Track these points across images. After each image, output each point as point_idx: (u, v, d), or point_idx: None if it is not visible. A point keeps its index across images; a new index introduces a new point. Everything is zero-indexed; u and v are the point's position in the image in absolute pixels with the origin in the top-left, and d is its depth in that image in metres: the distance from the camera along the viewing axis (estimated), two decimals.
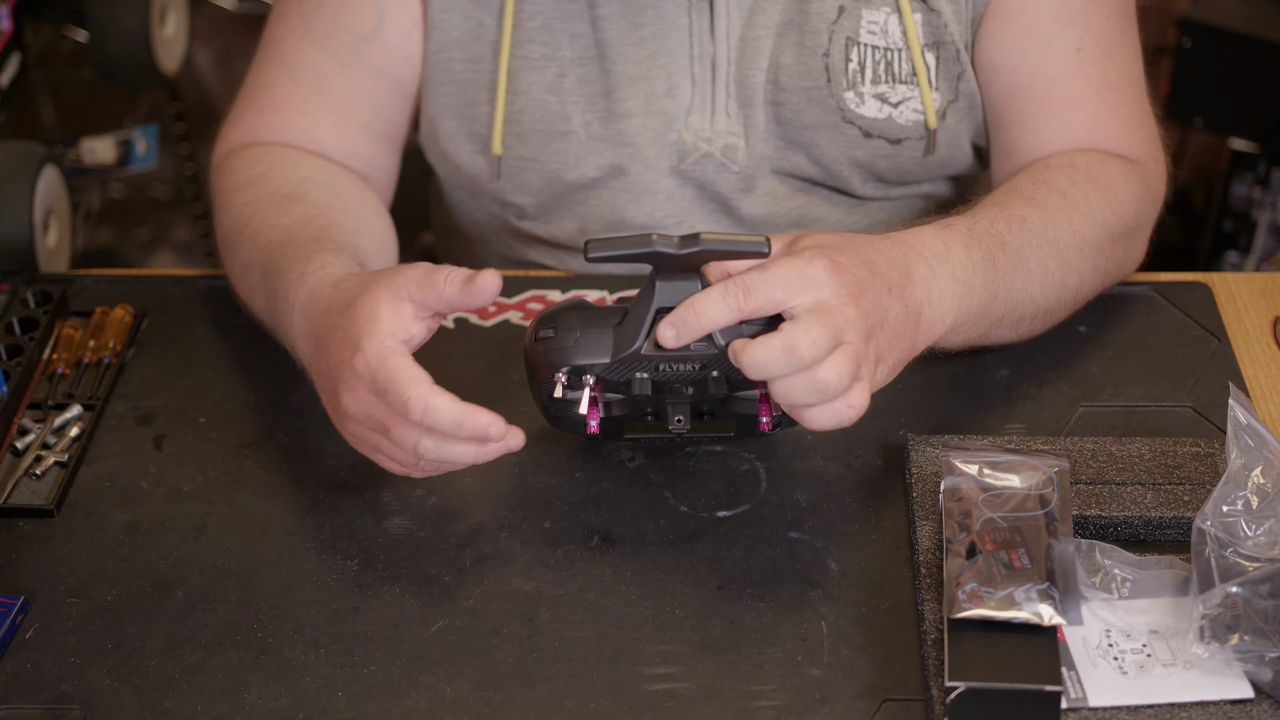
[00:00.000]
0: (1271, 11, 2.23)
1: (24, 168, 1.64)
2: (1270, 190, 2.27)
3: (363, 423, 1.02)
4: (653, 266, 0.97)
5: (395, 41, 1.27)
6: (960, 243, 1.07)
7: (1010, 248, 1.10)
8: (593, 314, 1.01)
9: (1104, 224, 1.17)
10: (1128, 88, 1.25)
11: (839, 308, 0.96)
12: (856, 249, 1.01)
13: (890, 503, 1.09)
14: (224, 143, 1.31)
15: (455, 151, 1.30)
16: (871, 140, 1.26)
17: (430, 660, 1.00)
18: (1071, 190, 1.16)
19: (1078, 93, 1.23)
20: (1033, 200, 1.14)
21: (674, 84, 1.26)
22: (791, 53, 1.24)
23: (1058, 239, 1.13)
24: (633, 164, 1.28)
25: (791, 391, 0.96)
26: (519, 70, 1.25)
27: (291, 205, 1.19)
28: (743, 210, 1.30)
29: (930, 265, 1.05)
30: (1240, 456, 1.00)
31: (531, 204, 1.31)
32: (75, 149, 2.36)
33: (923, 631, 0.99)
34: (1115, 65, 1.24)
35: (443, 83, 1.28)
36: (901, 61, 1.23)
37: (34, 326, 1.24)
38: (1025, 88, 1.23)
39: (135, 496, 1.12)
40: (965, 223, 1.09)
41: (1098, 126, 1.24)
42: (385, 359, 0.98)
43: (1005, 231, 1.10)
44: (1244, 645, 0.93)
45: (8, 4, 2.00)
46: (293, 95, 1.28)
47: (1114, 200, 1.18)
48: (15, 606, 1.03)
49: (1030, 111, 1.24)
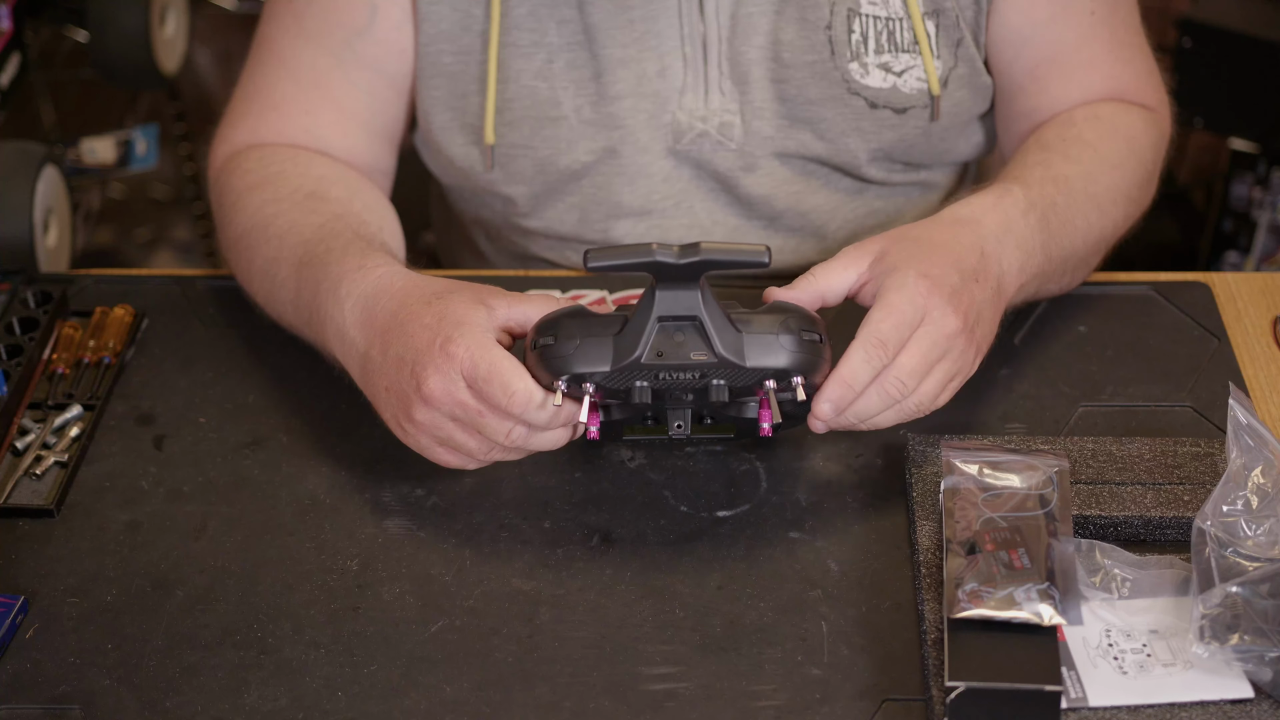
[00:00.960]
0: (1271, 11, 2.22)
1: (24, 168, 1.64)
2: (1270, 190, 2.27)
3: (444, 408, 1.01)
4: (653, 275, 0.97)
5: (388, 35, 1.27)
6: (1019, 210, 1.13)
7: (1060, 208, 1.16)
8: (592, 321, 1.01)
9: (1132, 173, 1.24)
10: (1134, 40, 1.30)
11: (943, 325, 1.03)
12: (938, 253, 1.06)
13: (890, 503, 1.09)
14: (224, 145, 1.31)
15: (448, 145, 1.30)
16: (877, 111, 1.26)
17: (430, 660, 1.00)
18: (1101, 144, 1.22)
19: (1095, 55, 1.28)
20: (1069, 157, 1.20)
21: (666, 64, 1.26)
22: (792, 28, 1.24)
23: (1096, 194, 1.19)
24: (625, 146, 1.28)
25: (881, 417, 1.05)
26: (508, 58, 1.26)
27: (318, 204, 1.20)
28: (741, 189, 1.30)
29: (999, 238, 1.10)
30: (1240, 456, 1.00)
31: (526, 193, 1.31)
32: (75, 149, 2.36)
33: (923, 631, 0.99)
34: (1122, 21, 1.29)
35: (433, 75, 1.28)
36: (903, 30, 1.25)
37: (34, 326, 1.23)
38: (1049, 57, 1.28)
39: (135, 496, 1.12)
40: (1020, 189, 1.14)
41: (1115, 84, 1.29)
42: (489, 348, 1.00)
43: (1055, 193, 1.16)
44: (1244, 645, 0.93)
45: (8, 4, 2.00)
46: (292, 95, 1.29)
47: (1138, 150, 1.25)
48: (15, 606, 1.03)
49: (1053, 78, 1.28)
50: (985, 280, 1.07)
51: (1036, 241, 1.13)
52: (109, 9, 2.06)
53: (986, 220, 1.11)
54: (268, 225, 1.20)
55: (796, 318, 1.01)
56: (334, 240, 1.14)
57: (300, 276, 1.14)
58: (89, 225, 2.52)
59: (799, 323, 1.01)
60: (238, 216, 1.23)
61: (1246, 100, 2.24)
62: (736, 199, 1.31)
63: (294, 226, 1.18)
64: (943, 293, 1.03)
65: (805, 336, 1.00)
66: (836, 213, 1.33)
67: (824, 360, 1.01)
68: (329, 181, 1.24)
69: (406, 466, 1.12)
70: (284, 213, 1.20)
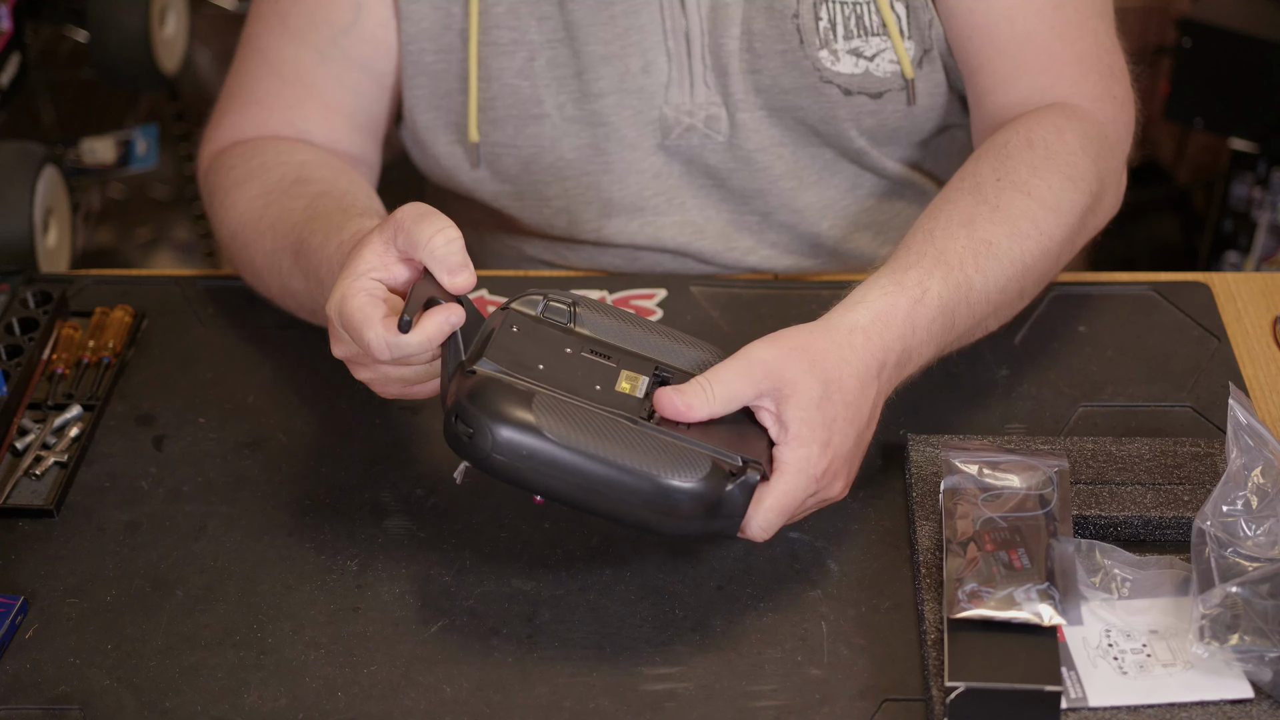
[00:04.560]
0: (1271, 11, 2.22)
1: (24, 168, 1.64)
2: (1270, 190, 2.27)
3: (343, 352, 1.02)
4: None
5: (373, 32, 1.27)
6: (927, 316, 1.05)
7: (976, 288, 1.08)
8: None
9: (1070, 210, 1.15)
10: (1085, 21, 1.22)
11: (829, 491, 1.01)
12: (830, 388, 0.99)
13: (890, 503, 1.09)
14: (210, 144, 1.31)
15: (433, 143, 1.31)
16: (853, 98, 1.25)
17: (430, 660, 1.00)
18: (1035, 183, 1.13)
19: (1032, 30, 1.21)
20: (998, 210, 1.11)
21: (649, 60, 1.26)
22: (761, 18, 1.24)
23: (1023, 257, 1.11)
24: (609, 143, 1.28)
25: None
26: (488, 56, 1.26)
27: (302, 187, 1.19)
28: (733, 182, 1.30)
29: (905, 347, 1.04)
30: (1240, 456, 1.00)
31: (512, 191, 1.32)
32: (75, 149, 2.36)
33: (923, 631, 0.99)
34: (1089, 8, 1.22)
35: (416, 74, 1.28)
36: (871, 14, 1.23)
37: (34, 326, 1.23)
38: (981, 29, 1.22)
39: (135, 496, 1.12)
40: (938, 284, 1.06)
41: (1052, 63, 1.21)
42: (345, 300, 0.98)
43: (973, 270, 1.08)
44: (1244, 645, 0.93)
45: (8, 4, 2.00)
46: (276, 91, 1.28)
47: (1076, 178, 1.16)
48: (15, 606, 1.03)
49: (988, 54, 1.22)
50: (879, 403, 1.03)
51: (944, 332, 1.07)
52: (109, 9, 2.06)
53: (892, 336, 1.03)
54: (260, 218, 1.19)
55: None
56: (320, 220, 1.13)
57: (300, 265, 1.14)
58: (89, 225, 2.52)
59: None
60: (228, 214, 1.24)
61: (1246, 100, 2.24)
62: (729, 193, 1.31)
63: (284, 215, 1.17)
64: (838, 461, 1.00)
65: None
66: (830, 209, 1.33)
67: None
68: (312, 165, 1.23)
69: (406, 466, 1.12)
70: (275, 203, 1.19)
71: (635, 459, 0.94)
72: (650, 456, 0.95)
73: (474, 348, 0.98)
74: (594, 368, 0.99)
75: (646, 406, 0.98)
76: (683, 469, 0.95)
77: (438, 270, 0.98)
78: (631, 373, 1.00)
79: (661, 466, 0.94)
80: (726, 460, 0.96)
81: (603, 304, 1.04)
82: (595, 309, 1.03)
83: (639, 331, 1.03)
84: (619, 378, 0.99)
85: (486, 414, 0.93)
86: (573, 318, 1.02)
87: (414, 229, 0.98)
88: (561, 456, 0.93)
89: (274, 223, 1.18)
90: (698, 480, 0.95)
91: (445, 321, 0.97)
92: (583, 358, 1.00)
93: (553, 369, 0.98)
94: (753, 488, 0.97)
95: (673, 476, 0.94)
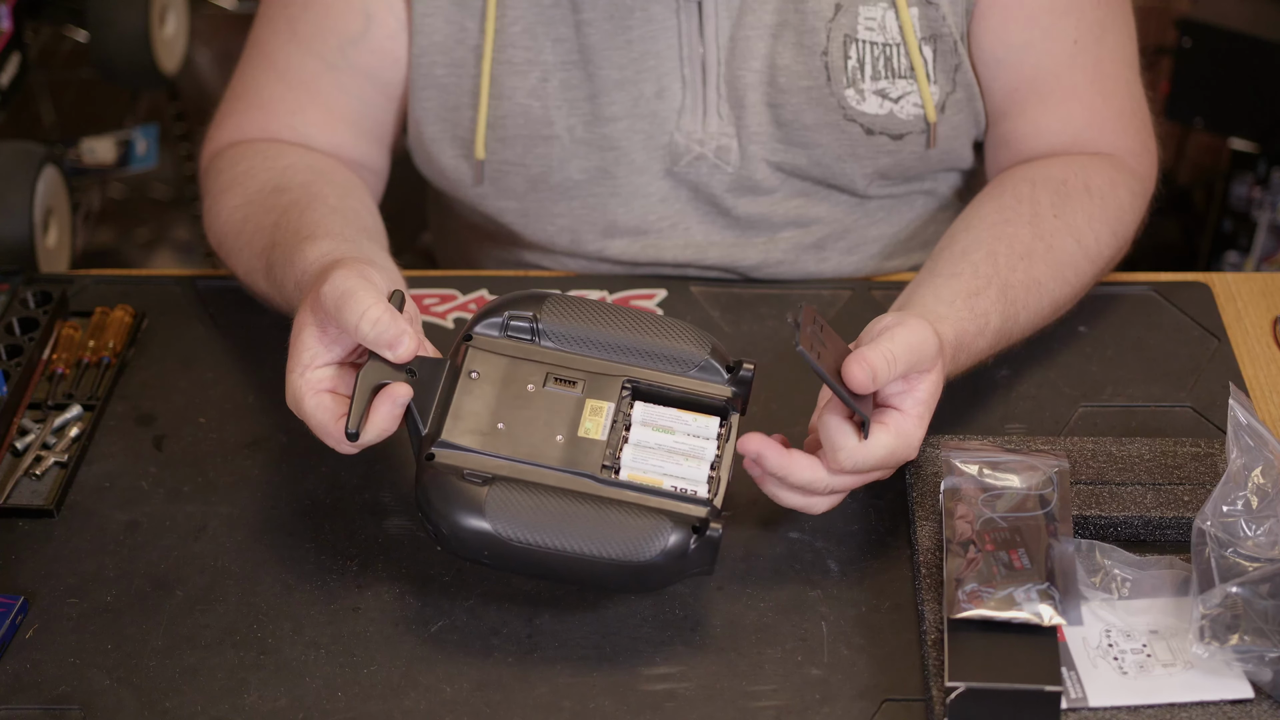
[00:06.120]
0: (1271, 11, 2.22)
1: (24, 168, 1.64)
2: (1270, 190, 2.26)
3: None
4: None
5: (382, 44, 1.27)
6: (979, 347, 1.11)
7: (1020, 323, 1.15)
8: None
9: (1106, 262, 1.23)
10: (1121, 74, 1.27)
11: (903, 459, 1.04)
12: (941, 386, 1.05)
13: (890, 503, 1.09)
14: (211, 143, 1.31)
15: (439, 155, 1.30)
16: (874, 138, 1.26)
17: (430, 660, 1.00)
18: (1087, 232, 1.19)
19: (1076, 84, 1.25)
20: (1051, 251, 1.17)
21: (664, 86, 1.25)
22: (789, 53, 1.23)
23: (1056, 299, 1.18)
24: (618, 167, 1.27)
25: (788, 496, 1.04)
26: (501, 75, 1.25)
27: (276, 198, 1.20)
28: (738, 211, 1.30)
29: (953, 370, 1.09)
30: (1240, 456, 1.00)
31: (516, 208, 1.31)
32: (75, 149, 2.36)
33: (923, 631, 0.99)
34: (1108, 53, 1.26)
35: (425, 86, 1.28)
36: (900, 56, 1.23)
37: (34, 326, 1.23)
38: (1028, 81, 1.25)
39: (135, 496, 1.12)
40: (997, 318, 1.12)
41: (1094, 118, 1.26)
42: (299, 404, 1.02)
43: (1022, 307, 1.14)
44: (1244, 645, 0.93)
45: (8, 4, 2.00)
46: (280, 96, 1.28)
47: (1121, 233, 1.23)
48: (15, 606, 1.03)
49: (1031, 103, 1.26)
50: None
51: (988, 351, 1.14)
52: (109, 9, 2.06)
53: (960, 356, 1.10)
54: (239, 233, 1.21)
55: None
56: (281, 250, 1.14)
57: (271, 290, 1.16)
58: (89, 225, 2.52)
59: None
60: (214, 222, 1.25)
61: (1246, 100, 2.24)
62: (734, 220, 1.31)
63: (257, 233, 1.19)
64: (915, 451, 1.04)
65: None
66: (838, 225, 1.33)
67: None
68: (294, 170, 1.23)
69: (407, 467, 1.12)
70: (251, 217, 1.20)
71: (593, 541, 0.95)
72: (609, 532, 0.96)
73: (434, 416, 1.00)
74: (557, 405, 1.00)
75: (610, 453, 0.99)
76: (641, 542, 0.95)
77: (377, 350, 1.00)
78: (596, 401, 1.01)
79: (620, 543, 0.95)
80: (692, 511, 0.97)
81: (569, 301, 1.04)
82: (561, 312, 1.04)
83: (609, 331, 1.03)
84: (584, 414, 1.00)
85: (441, 517, 0.97)
86: (536, 334, 1.03)
87: (339, 317, 1.00)
88: (517, 552, 0.96)
89: (250, 239, 1.19)
90: (656, 553, 0.96)
91: (391, 411, 1.00)
92: (546, 393, 1.01)
93: (513, 425, 0.99)
94: (717, 543, 0.97)
95: (631, 553, 0.96)
